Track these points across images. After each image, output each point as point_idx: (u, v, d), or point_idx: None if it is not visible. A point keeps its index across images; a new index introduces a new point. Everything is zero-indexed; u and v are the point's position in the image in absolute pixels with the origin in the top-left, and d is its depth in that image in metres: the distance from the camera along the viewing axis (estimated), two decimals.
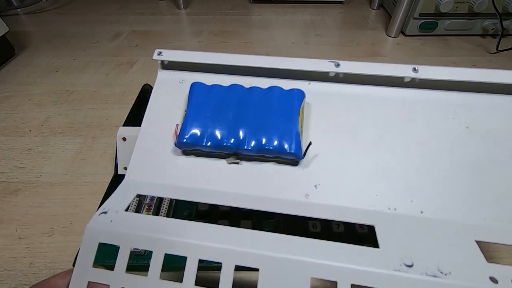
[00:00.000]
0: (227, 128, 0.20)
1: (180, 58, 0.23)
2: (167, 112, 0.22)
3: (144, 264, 0.25)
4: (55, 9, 0.68)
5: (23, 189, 0.32)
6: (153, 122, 0.22)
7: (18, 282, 0.25)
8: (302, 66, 0.22)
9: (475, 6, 0.50)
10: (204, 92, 0.21)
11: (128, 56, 0.52)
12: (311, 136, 0.21)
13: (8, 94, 0.44)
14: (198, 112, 0.20)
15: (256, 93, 0.21)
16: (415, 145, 0.20)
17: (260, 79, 0.23)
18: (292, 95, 0.21)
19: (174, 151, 0.21)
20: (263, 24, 0.63)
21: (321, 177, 0.19)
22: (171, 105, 0.22)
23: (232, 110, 0.20)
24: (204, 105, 0.21)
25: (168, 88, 0.23)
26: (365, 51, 0.54)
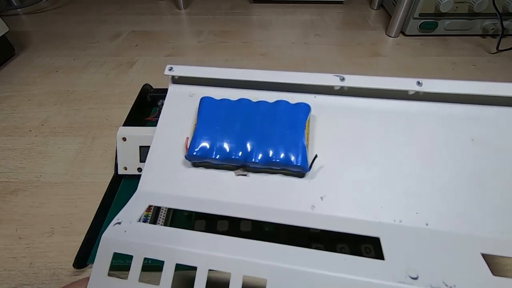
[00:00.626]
0: (235, 141, 0.21)
1: (190, 73, 0.24)
2: (177, 125, 0.23)
3: (144, 264, 0.25)
4: (55, 9, 0.68)
5: (23, 189, 0.32)
6: (164, 135, 0.23)
7: (18, 282, 0.25)
8: (308, 81, 0.23)
9: (475, 6, 0.50)
10: (213, 106, 0.22)
11: (128, 56, 0.52)
12: (316, 148, 0.21)
13: (8, 94, 0.44)
14: (207, 126, 0.21)
15: (263, 107, 0.22)
16: (420, 157, 0.20)
17: (267, 92, 0.24)
18: (298, 108, 0.22)
19: (184, 163, 0.22)
20: (263, 24, 0.63)
21: (327, 189, 0.20)
22: (182, 118, 0.23)
23: (240, 124, 0.21)
24: (213, 119, 0.22)
25: (179, 102, 0.24)
26: (365, 51, 0.54)
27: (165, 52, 0.54)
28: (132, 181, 0.30)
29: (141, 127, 0.30)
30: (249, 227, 0.26)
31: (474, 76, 0.47)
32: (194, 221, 0.26)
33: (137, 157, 0.29)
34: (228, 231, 0.26)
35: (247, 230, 0.25)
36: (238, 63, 0.51)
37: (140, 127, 0.30)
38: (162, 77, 0.25)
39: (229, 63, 0.51)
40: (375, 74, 0.49)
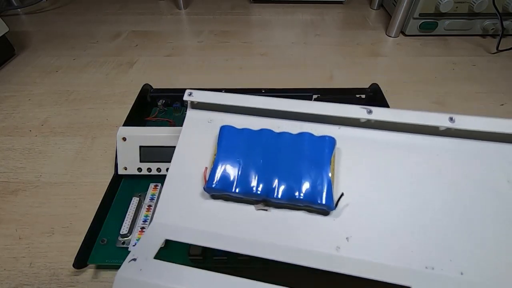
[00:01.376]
0: (256, 175, 0.20)
1: (209, 100, 0.23)
2: (196, 153, 0.22)
3: None
4: (55, 9, 0.68)
5: (23, 189, 0.32)
6: (182, 163, 0.22)
7: (18, 282, 0.25)
8: (333, 112, 0.21)
9: (475, 6, 0.50)
10: (233, 136, 0.21)
11: (128, 56, 0.52)
12: (342, 184, 0.20)
13: (8, 94, 0.44)
14: (228, 157, 0.20)
15: (286, 139, 0.21)
16: (453, 198, 0.19)
17: (289, 122, 0.23)
18: (323, 142, 0.21)
19: (202, 195, 0.21)
20: (263, 24, 0.63)
21: (353, 229, 0.18)
22: (200, 146, 0.22)
23: (262, 156, 0.20)
24: (234, 150, 0.21)
25: (197, 127, 0.23)
26: (365, 51, 0.54)
27: (165, 52, 0.54)
28: (132, 181, 0.30)
29: (141, 127, 0.30)
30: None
31: (474, 76, 0.47)
32: None
33: (137, 157, 0.29)
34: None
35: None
36: (238, 63, 0.51)
37: (140, 127, 0.30)
38: (162, 77, 0.26)
39: (229, 62, 0.51)
40: (375, 74, 0.50)
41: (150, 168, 0.30)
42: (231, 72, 0.49)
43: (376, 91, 0.37)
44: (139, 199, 0.28)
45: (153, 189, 0.29)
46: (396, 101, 0.40)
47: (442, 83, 0.46)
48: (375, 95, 0.37)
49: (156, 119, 0.37)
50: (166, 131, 0.30)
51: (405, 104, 0.42)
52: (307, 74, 0.48)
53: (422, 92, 0.44)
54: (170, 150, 0.29)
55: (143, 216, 0.27)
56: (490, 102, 0.42)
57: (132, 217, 0.26)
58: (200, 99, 0.23)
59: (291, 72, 0.49)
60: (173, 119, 0.37)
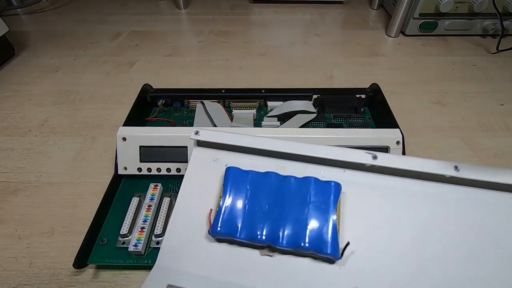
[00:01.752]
0: (261, 221, 0.20)
1: (216, 139, 0.23)
2: (201, 193, 0.22)
3: (145, 264, 0.25)
4: (55, 9, 0.68)
5: (23, 189, 0.32)
6: (187, 204, 0.22)
7: (18, 282, 0.25)
8: (339, 156, 0.21)
9: (475, 6, 0.50)
10: (239, 179, 0.21)
11: (128, 56, 0.52)
12: (347, 230, 0.20)
13: (8, 94, 0.44)
14: (233, 201, 0.20)
15: (291, 184, 0.21)
16: (461, 248, 0.18)
17: (295, 163, 0.22)
18: (329, 188, 0.20)
19: (207, 237, 0.20)
20: (263, 24, 0.63)
21: (359, 279, 0.18)
22: (206, 186, 0.22)
23: (268, 201, 0.20)
24: (239, 193, 0.21)
25: (203, 166, 0.23)
26: (365, 51, 0.54)
27: (165, 52, 0.54)
28: (132, 181, 0.30)
29: (141, 127, 0.30)
30: None
31: (474, 76, 0.47)
32: None
33: (137, 157, 0.29)
34: None
35: None
36: (238, 63, 0.51)
37: (140, 127, 0.30)
38: (162, 77, 0.25)
39: (229, 62, 0.51)
40: (375, 74, 0.50)
41: (150, 168, 0.30)
42: (231, 72, 0.49)
43: (376, 91, 0.37)
44: (139, 199, 0.28)
45: (153, 189, 0.29)
46: (396, 101, 0.40)
47: (442, 83, 0.46)
48: (375, 95, 0.37)
49: (156, 119, 0.37)
50: (166, 131, 0.30)
51: (405, 104, 0.42)
52: (307, 74, 0.48)
53: (422, 92, 0.44)
54: (170, 150, 0.30)
55: (143, 216, 0.26)
56: (490, 102, 0.42)
57: (132, 217, 0.26)
58: (207, 139, 0.23)
59: (291, 72, 0.49)
60: (173, 119, 0.37)
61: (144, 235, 0.25)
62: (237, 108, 0.38)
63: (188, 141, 0.29)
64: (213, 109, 0.36)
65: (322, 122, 0.36)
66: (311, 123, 0.36)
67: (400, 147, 0.29)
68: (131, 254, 0.25)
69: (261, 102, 0.38)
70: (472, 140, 0.37)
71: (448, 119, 0.40)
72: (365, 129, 0.33)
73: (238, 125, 0.35)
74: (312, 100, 0.38)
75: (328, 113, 0.38)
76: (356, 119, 0.37)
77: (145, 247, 0.25)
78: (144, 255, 0.25)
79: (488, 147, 0.36)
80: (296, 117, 0.36)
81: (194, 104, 0.38)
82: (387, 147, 0.29)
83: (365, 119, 0.37)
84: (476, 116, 0.40)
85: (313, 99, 0.38)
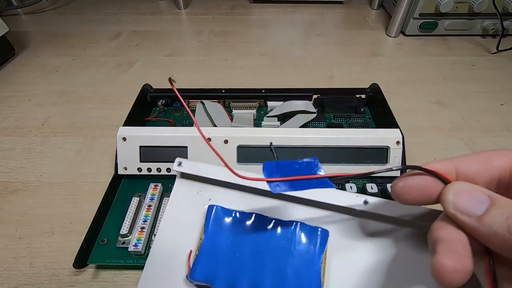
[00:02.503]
0: (243, 269, 0.18)
1: (199, 172, 0.21)
2: (182, 229, 0.21)
3: (144, 264, 0.25)
4: (55, 9, 0.68)
5: (23, 189, 0.32)
6: (167, 239, 0.20)
7: (18, 282, 0.25)
8: (328, 200, 0.20)
9: (475, 6, 0.50)
10: (221, 220, 0.20)
11: (128, 56, 0.52)
12: (332, 283, 0.19)
13: (8, 94, 0.44)
14: (214, 245, 0.19)
15: (276, 227, 0.20)
16: None
17: (282, 202, 0.21)
18: (315, 235, 0.19)
19: (185, 282, 0.19)
20: (263, 24, 0.63)
21: None
22: (187, 221, 0.21)
23: (250, 247, 0.19)
24: (220, 235, 0.19)
25: (185, 199, 0.22)
26: (365, 51, 0.54)
27: (165, 52, 0.54)
28: (132, 181, 0.30)
29: (141, 127, 0.30)
30: None
31: (474, 76, 0.47)
32: None
33: (137, 157, 0.29)
34: None
35: None
36: (238, 63, 0.51)
37: (140, 127, 0.30)
38: (162, 77, 0.25)
39: (229, 62, 0.51)
40: (375, 74, 0.50)
41: (150, 168, 0.30)
42: (231, 72, 0.49)
43: (376, 91, 0.37)
44: (139, 199, 0.28)
45: (153, 189, 0.29)
46: (396, 101, 0.40)
47: (442, 83, 0.46)
48: (375, 95, 0.37)
49: (156, 119, 0.37)
50: (166, 131, 0.30)
51: (405, 104, 0.42)
52: (307, 74, 0.48)
53: (422, 92, 0.44)
54: (170, 150, 0.30)
55: (143, 216, 0.26)
56: (490, 102, 0.42)
57: (132, 217, 0.26)
58: (189, 171, 0.21)
59: (291, 72, 0.49)
60: (173, 119, 0.37)
61: (144, 235, 0.25)
62: (237, 108, 0.38)
63: (188, 141, 0.29)
64: (213, 109, 0.36)
65: (322, 122, 0.36)
66: (311, 123, 0.36)
67: (400, 147, 0.29)
68: (131, 254, 0.25)
69: (261, 102, 0.38)
70: (472, 140, 0.37)
71: (448, 119, 0.40)
72: (365, 129, 0.33)
73: (238, 125, 0.35)
74: (312, 100, 0.38)
75: (328, 113, 0.38)
76: (356, 119, 0.37)
77: (145, 247, 0.25)
78: (144, 255, 0.25)
79: (488, 147, 0.36)
80: (296, 117, 0.36)
81: (194, 104, 0.38)
82: (387, 147, 0.29)
83: (365, 119, 0.37)
84: (476, 116, 0.40)
85: (313, 99, 0.38)
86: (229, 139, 0.29)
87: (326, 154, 0.29)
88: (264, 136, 0.29)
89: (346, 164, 0.29)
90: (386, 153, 0.29)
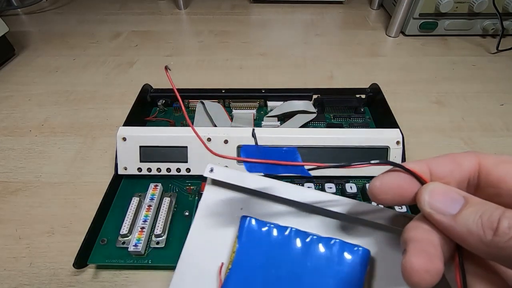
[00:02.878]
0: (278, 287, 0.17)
1: (231, 180, 0.20)
2: (211, 241, 0.20)
3: (144, 264, 0.25)
4: (55, 9, 0.68)
5: (23, 189, 0.32)
6: (196, 250, 0.19)
7: (18, 282, 0.25)
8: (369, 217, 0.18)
9: (475, 6, 0.50)
10: (256, 232, 0.19)
11: (128, 56, 0.52)
12: None
13: (8, 94, 0.44)
14: (248, 260, 0.18)
15: (314, 244, 0.18)
16: None
17: (321, 217, 0.20)
18: (356, 257, 0.18)
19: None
20: (263, 24, 0.63)
21: None
22: (217, 232, 0.20)
23: (287, 265, 0.18)
24: (255, 250, 0.18)
25: (216, 208, 0.21)
26: (365, 51, 0.54)
27: (165, 52, 0.54)
28: (132, 181, 0.30)
29: (141, 127, 0.30)
30: None
31: (474, 76, 0.47)
32: None
33: (137, 157, 0.29)
34: None
35: None
36: (238, 63, 0.51)
37: (140, 127, 0.30)
38: (162, 77, 0.25)
39: (229, 62, 0.51)
40: (375, 74, 0.50)
41: (150, 168, 0.30)
42: (231, 72, 0.49)
43: (376, 91, 0.37)
44: (139, 199, 0.28)
45: (153, 189, 0.29)
46: (396, 101, 0.40)
47: (442, 83, 0.46)
48: (375, 95, 0.37)
49: (156, 119, 0.37)
50: (166, 131, 0.30)
51: (405, 104, 0.42)
52: (307, 74, 0.48)
53: (422, 92, 0.44)
54: (170, 150, 0.30)
55: (143, 216, 0.26)
56: (490, 102, 0.42)
57: (132, 217, 0.26)
58: (221, 178, 0.20)
59: (291, 72, 0.49)
60: (173, 119, 0.37)
61: (144, 235, 0.25)
62: (237, 108, 0.38)
63: (188, 141, 0.29)
64: (213, 109, 0.36)
65: (322, 122, 0.36)
66: (311, 123, 0.36)
67: (400, 147, 0.29)
68: (131, 254, 0.25)
69: (261, 102, 0.38)
70: (472, 140, 0.37)
71: (448, 119, 0.40)
72: (365, 129, 0.33)
73: (238, 125, 0.35)
74: (312, 100, 0.38)
75: (328, 113, 0.38)
76: (356, 119, 0.37)
77: (145, 247, 0.25)
78: (144, 255, 0.25)
79: (488, 147, 0.36)
80: (296, 117, 0.36)
81: (194, 104, 0.38)
82: (387, 147, 0.29)
83: (365, 119, 0.37)
84: (476, 116, 0.40)
85: (313, 99, 0.38)
86: (229, 139, 0.29)
87: (326, 154, 0.29)
88: (264, 136, 0.29)
89: None
90: (386, 153, 0.29)
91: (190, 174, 0.30)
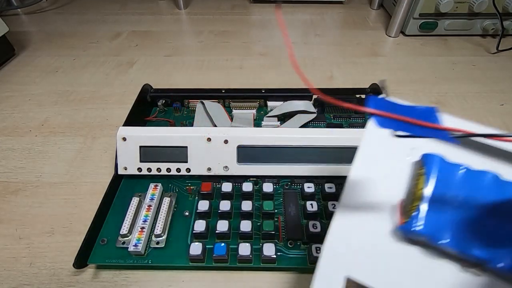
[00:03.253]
0: (478, 232, 0.15)
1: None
2: (381, 178, 0.17)
3: (145, 264, 0.25)
4: (55, 9, 0.68)
5: (23, 189, 0.32)
6: (362, 187, 0.17)
7: (18, 282, 0.25)
8: None
9: (475, 6, 0.50)
10: (445, 171, 0.16)
11: (128, 56, 0.52)
12: None
13: (8, 94, 0.44)
14: (438, 198, 0.15)
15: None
16: None
17: None
18: None
19: (392, 234, 0.16)
20: (263, 24, 0.63)
21: None
22: (386, 169, 0.17)
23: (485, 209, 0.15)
24: (446, 189, 0.16)
25: (380, 145, 0.18)
26: (365, 51, 0.54)
27: (165, 52, 0.54)
28: (132, 181, 0.30)
29: (141, 127, 0.31)
30: (249, 227, 0.26)
31: (474, 76, 0.47)
32: (194, 221, 0.26)
33: (137, 157, 0.30)
34: (227, 232, 0.26)
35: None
36: (238, 63, 0.51)
37: (140, 127, 0.30)
38: (162, 77, 0.25)
39: (229, 63, 0.51)
40: (375, 74, 0.50)
41: (150, 168, 0.30)
42: (231, 72, 0.49)
43: (376, 91, 0.37)
44: (139, 199, 0.28)
45: (153, 189, 0.29)
46: None
47: (442, 83, 0.46)
48: (375, 95, 0.37)
49: (156, 119, 0.37)
50: (166, 131, 0.30)
51: None
52: (307, 74, 0.48)
53: (422, 92, 0.44)
54: (170, 150, 0.30)
55: (143, 216, 0.26)
56: (490, 102, 0.42)
57: (132, 217, 0.26)
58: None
59: (291, 72, 0.49)
60: (173, 119, 0.37)
61: (144, 235, 0.25)
62: (237, 108, 0.38)
63: (188, 141, 0.29)
64: (213, 109, 0.36)
65: (322, 122, 0.36)
66: (311, 123, 0.36)
67: None
68: (131, 254, 0.25)
69: (261, 102, 0.38)
70: None
71: None
72: None
73: (238, 125, 0.35)
74: (312, 100, 0.38)
75: (328, 113, 0.38)
76: (356, 119, 0.37)
77: (145, 247, 0.25)
78: (144, 255, 0.25)
79: None
80: (296, 117, 0.36)
81: (194, 104, 0.38)
82: None
83: (365, 119, 0.37)
84: (476, 116, 0.40)
85: (313, 99, 0.38)
86: (229, 139, 0.29)
87: (326, 154, 0.29)
88: (264, 136, 0.29)
89: (346, 164, 0.30)
90: None
91: (190, 174, 0.30)
